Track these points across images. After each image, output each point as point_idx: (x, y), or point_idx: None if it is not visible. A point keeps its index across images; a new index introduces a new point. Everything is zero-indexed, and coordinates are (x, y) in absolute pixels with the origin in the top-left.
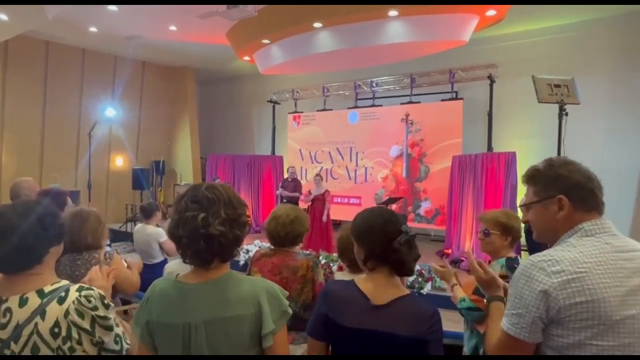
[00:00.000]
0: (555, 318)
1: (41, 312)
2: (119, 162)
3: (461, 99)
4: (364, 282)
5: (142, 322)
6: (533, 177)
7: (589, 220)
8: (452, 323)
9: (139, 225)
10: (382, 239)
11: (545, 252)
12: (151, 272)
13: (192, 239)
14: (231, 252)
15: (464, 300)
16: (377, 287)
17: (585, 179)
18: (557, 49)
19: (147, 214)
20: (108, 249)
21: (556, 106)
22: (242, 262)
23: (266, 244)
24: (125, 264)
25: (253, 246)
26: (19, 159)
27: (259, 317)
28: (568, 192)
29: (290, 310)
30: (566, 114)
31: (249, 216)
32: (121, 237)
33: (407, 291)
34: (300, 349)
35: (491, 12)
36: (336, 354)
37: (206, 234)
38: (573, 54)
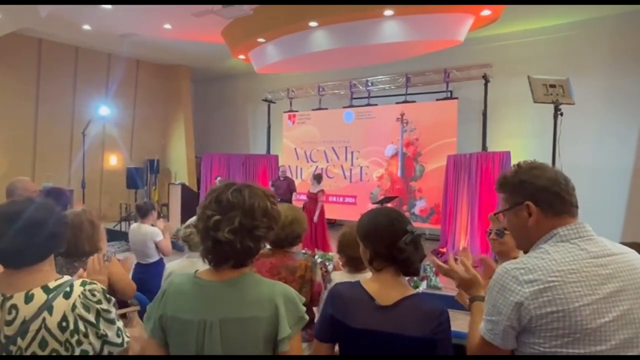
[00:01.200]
0: (528, 327)
1: (48, 307)
2: (113, 161)
3: (456, 98)
4: (369, 282)
5: (156, 316)
6: (502, 184)
7: (563, 225)
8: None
9: (134, 225)
10: (388, 239)
11: (519, 259)
12: (147, 271)
13: (204, 238)
14: (241, 261)
15: None
16: (383, 288)
17: (550, 183)
18: (551, 49)
19: (142, 213)
20: (108, 248)
21: (550, 106)
22: None
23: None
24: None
25: None
26: (11, 158)
27: (275, 321)
28: (534, 198)
29: (306, 317)
30: (561, 114)
31: (272, 228)
32: (116, 236)
33: (414, 291)
34: None
35: (486, 12)
36: (344, 354)
37: (214, 238)
38: (567, 54)
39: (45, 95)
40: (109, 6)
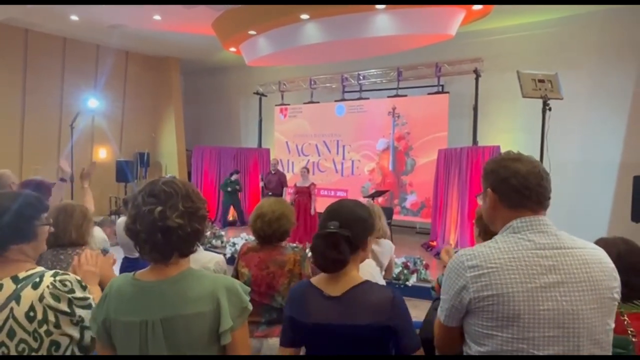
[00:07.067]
0: (469, 308)
1: (16, 297)
2: (102, 154)
3: (447, 92)
4: (318, 278)
5: (100, 319)
6: (483, 170)
7: (520, 217)
8: None
9: (122, 218)
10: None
11: (471, 247)
12: (134, 265)
13: (150, 233)
14: (191, 246)
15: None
16: (330, 280)
17: (512, 176)
18: (542, 44)
19: None
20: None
21: (540, 101)
22: (228, 255)
23: (253, 237)
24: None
25: (240, 239)
26: None
27: (217, 314)
28: (495, 187)
29: (250, 307)
30: (549, 109)
31: (208, 211)
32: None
33: (362, 279)
34: None
35: (477, 6)
36: (309, 353)
37: (164, 227)
38: (558, 49)
39: (33, 87)
40: None
